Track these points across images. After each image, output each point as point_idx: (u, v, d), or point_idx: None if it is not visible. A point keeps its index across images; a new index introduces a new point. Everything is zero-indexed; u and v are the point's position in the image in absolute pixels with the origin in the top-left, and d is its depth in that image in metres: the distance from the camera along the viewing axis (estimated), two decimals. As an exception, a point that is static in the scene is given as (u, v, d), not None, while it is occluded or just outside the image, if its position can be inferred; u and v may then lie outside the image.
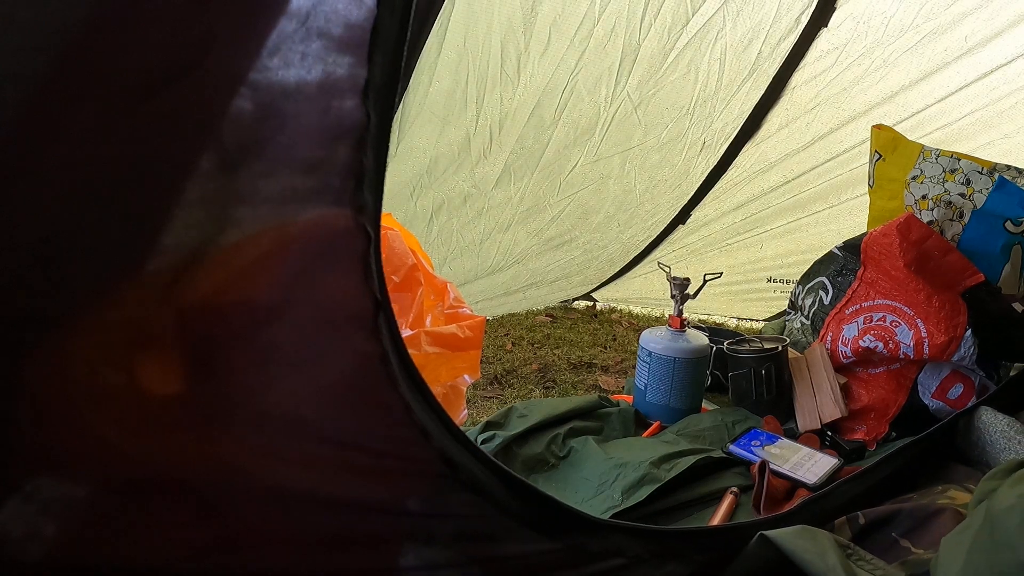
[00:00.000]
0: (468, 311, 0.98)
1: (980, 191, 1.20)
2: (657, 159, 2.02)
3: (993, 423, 0.92)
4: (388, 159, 0.43)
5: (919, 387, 1.13)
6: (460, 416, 0.95)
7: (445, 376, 0.89)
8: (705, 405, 1.25)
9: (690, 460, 0.95)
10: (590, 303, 2.98)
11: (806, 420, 1.14)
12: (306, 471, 0.46)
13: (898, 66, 1.74)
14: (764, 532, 0.67)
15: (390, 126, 0.42)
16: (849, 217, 2.06)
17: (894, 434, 1.10)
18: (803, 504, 0.80)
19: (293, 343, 0.43)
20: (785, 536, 0.65)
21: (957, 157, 1.24)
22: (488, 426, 1.03)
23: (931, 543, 0.70)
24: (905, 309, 1.13)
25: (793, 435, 1.10)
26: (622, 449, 1.00)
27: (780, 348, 1.19)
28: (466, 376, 0.92)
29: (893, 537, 0.73)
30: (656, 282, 2.61)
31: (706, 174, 2.13)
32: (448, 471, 0.52)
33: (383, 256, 0.45)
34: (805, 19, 1.70)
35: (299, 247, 0.42)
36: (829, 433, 1.11)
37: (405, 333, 0.84)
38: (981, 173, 1.21)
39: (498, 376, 2.10)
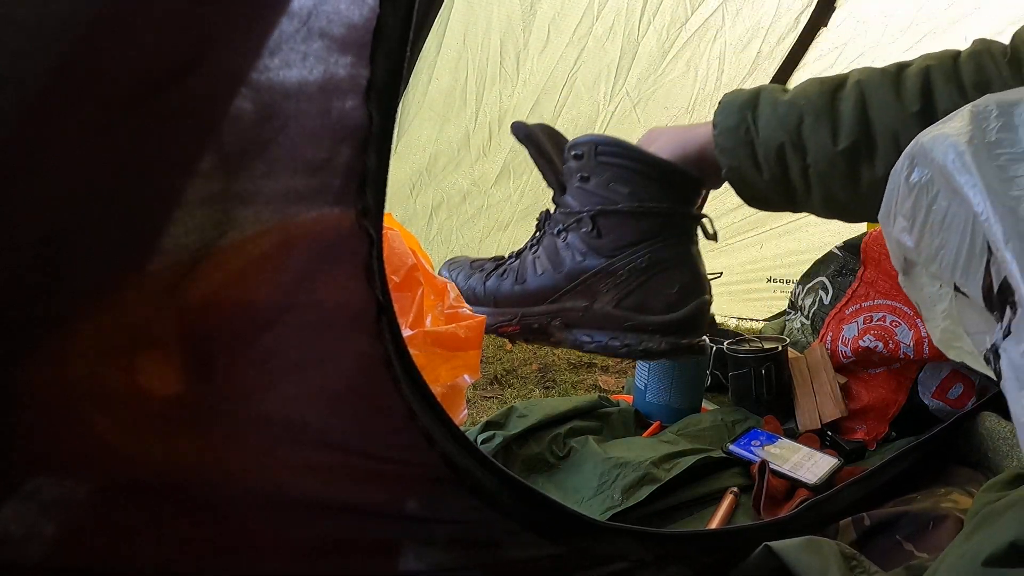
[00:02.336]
0: (468, 311, 0.98)
1: (980, 191, 1.20)
2: (656, 158, 2.02)
3: (996, 429, 0.92)
4: (390, 160, 0.43)
5: (919, 387, 1.13)
6: (460, 416, 0.95)
7: (445, 376, 0.88)
8: (705, 405, 1.25)
9: (690, 460, 0.95)
10: (589, 302, 2.97)
11: (806, 420, 1.14)
12: (307, 474, 0.46)
13: (898, 66, 1.74)
14: (769, 544, 0.67)
15: (393, 127, 0.42)
16: (849, 216, 2.06)
17: (894, 434, 1.11)
18: (808, 506, 0.80)
19: (294, 345, 0.43)
20: (789, 549, 0.65)
21: (957, 157, 1.24)
22: (488, 426, 1.03)
23: (934, 547, 0.70)
24: (905, 309, 1.13)
25: (793, 435, 1.10)
26: (622, 449, 1.00)
27: (780, 348, 1.19)
28: (466, 376, 0.91)
29: (897, 540, 0.73)
30: (655, 281, 2.60)
31: (706, 173, 2.12)
32: (450, 475, 0.51)
33: (383, 256, 0.45)
34: (805, 18, 1.70)
35: (301, 249, 0.42)
36: (829, 433, 1.11)
37: (405, 333, 0.83)
38: (981, 173, 1.21)
39: (498, 376, 2.10)
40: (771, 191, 0.67)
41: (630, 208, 0.70)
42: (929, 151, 0.39)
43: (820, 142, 0.62)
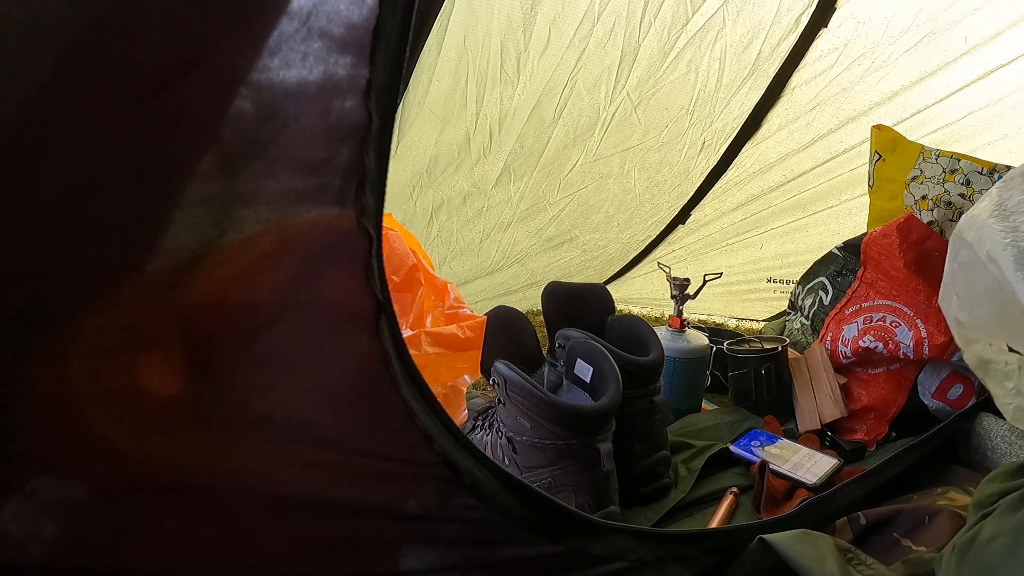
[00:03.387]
0: (468, 311, 0.98)
1: (980, 191, 1.20)
2: (657, 159, 2.02)
3: (994, 428, 0.92)
4: (389, 159, 0.43)
5: (919, 387, 1.12)
6: (460, 416, 0.95)
7: (445, 376, 0.88)
8: (705, 405, 1.25)
9: (702, 459, 0.97)
10: (589, 303, 2.96)
11: (806, 420, 1.14)
12: (306, 474, 0.46)
13: (898, 66, 1.74)
14: (763, 536, 0.67)
15: (392, 127, 0.42)
16: (849, 217, 2.06)
17: (894, 434, 1.10)
18: (806, 506, 0.80)
19: (294, 345, 0.43)
20: (784, 541, 0.65)
21: (957, 157, 1.24)
22: (488, 427, 1.03)
23: (932, 541, 0.71)
24: (905, 309, 1.13)
25: (793, 435, 1.10)
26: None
27: (780, 348, 1.19)
28: (466, 376, 0.91)
29: (894, 537, 0.73)
30: (656, 282, 2.60)
31: (706, 174, 2.12)
32: (450, 474, 0.52)
33: (383, 256, 0.45)
34: (805, 19, 1.69)
35: (300, 248, 0.42)
36: (829, 433, 1.11)
37: (405, 333, 0.84)
38: (981, 174, 1.21)
39: (497, 376, 2.09)
40: None
41: (531, 442, 0.80)
42: (962, 232, 0.43)
43: None
